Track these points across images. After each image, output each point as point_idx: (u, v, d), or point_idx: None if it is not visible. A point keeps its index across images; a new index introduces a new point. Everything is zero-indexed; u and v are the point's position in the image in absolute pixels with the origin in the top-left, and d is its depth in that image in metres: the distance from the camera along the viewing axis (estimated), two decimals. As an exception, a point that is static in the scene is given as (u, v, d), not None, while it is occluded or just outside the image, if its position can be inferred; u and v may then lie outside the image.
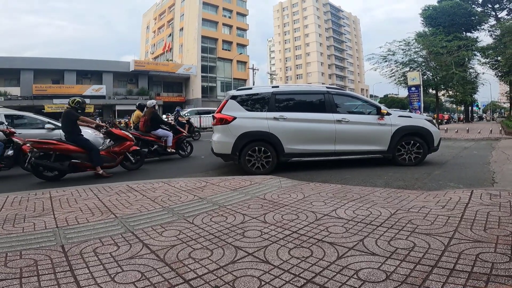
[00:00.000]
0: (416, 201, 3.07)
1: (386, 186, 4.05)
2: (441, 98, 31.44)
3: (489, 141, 10.95)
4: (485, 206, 2.77)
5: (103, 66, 36.66)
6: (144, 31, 58.88)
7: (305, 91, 6.19)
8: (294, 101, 5.81)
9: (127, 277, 1.72)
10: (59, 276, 1.75)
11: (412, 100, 17.87)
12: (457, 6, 28.34)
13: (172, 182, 4.44)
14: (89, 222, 2.72)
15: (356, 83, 77.09)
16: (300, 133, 5.46)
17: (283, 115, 5.46)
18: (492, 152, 7.75)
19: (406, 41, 22.13)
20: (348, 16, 79.74)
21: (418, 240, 2.10)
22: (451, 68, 20.32)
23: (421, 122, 5.98)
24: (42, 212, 3.09)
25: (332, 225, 2.47)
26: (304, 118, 5.51)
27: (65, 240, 2.32)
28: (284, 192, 3.68)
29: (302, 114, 5.55)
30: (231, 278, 1.68)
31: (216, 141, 5.61)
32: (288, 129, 5.44)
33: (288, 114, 5.49)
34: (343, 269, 1.74)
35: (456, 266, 1.70)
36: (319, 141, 5.52)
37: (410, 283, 1.56)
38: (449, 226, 2.34)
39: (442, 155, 7.08)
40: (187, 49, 43.79)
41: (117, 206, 3.22)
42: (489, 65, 26.76)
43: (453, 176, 4.86)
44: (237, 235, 2.33)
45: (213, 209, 3.05)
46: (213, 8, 44.68)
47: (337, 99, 5.81)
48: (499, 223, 2.34)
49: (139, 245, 2.18)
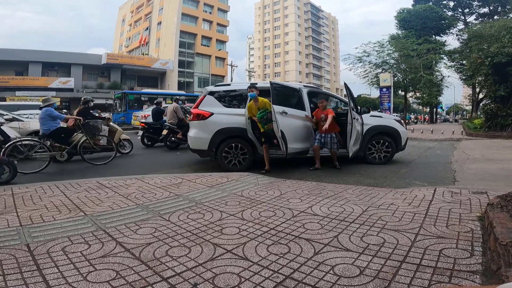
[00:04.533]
0: (385, 198, 3.23)
1: (358, 184, 4.22)
2: (409, 99, 33.09)
3: (451, 141, 11.70)
4: (447, 203, 2.97)
5: (71, 58, 34.87)
6: (120, 24, 56.36)
7: (282, 87, 6.24)
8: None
9: (101, 276, 1.66)
10: (26, 275, 1.66)
11: (383, 100, 18.70)
12: (430, 10, 29.70)
13: (146, 178, 4.32)
14: (55, 220, 2.59)
15: (332, 82, 78.98)
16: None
17: None
18: (454, 152, 8.29)
19: (381, 43, 23.08)
20: (328, 17, 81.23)
21: (387, 236, 2.21)
22: (419, 70, 21.48)
23: (390, 122, 6.27)
24: (4, 210, 2.90)
25: (308, 222, 2.54)
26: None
27: (30, 238, 2.19)
28: (261, 189, 3.72)
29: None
30: (211, 275, 1.68)
31: (192, 137, 5.52)
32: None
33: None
34: (320, 265, 1.80)
35: (422, 262, 1.82)
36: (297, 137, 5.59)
37: (381, 278, 1.65)
38: (415, 222, 2.49)
39: (409, 154, 7.47)
40: (164, 43, 42.58)
41: (87, 204, 3.09)
42: (454, 68, 28.49)
43: (419, 174, 5.15)
44: (215, 232, 2.32)
45: (189, 206, 3.02)
46: (194, 3, 43.73)
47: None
48: (460, 219, 2.52)
49: (113, 243, 2.11)
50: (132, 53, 47.22)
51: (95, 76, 37.77)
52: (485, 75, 15.39)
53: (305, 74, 70.75)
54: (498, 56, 12.97)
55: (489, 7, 30.01)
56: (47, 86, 31.32)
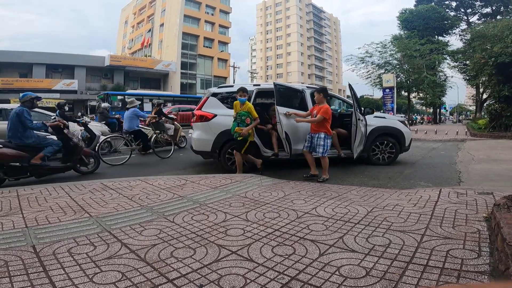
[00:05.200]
0: (390, 199, 3.21)
1: (362, 185, 4.19)
2: (412, 100, 32.97)
3: (455, 142, 11.63)
4: (453, 204, 2.94)
5: (75, 60, 35.06)
6: (122, 26, 56.75)
7: (286, 88, 6.24)
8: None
9: (107, 278, 1.67)
10: (32, 277, 1.67)
11: (386, 101, 18.61)
12: (432, 10, 29.59)
13: (150, 180, 4.33)
14: (61, 222, 2.60)
15: (334, 83, 78.85)
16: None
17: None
18: (458, 152, 8.23)
19: (383, 44, 23.04)
20: (329, 17, 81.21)
21: (393, 237, 2.20)
22: (422, 71, 21.40)
23: (394, 123, 6.24)
24: (9, 211, 2.91)
25: (313, 223, 2.53)
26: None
27: (36, 240, 2.20)
28: (265, 190, 3.71)
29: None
30: (216, 277, 1.67)
31: (195, 138, 5.53)
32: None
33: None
34: (325, 266, 1.79)
35: (429, 262, 1.80)
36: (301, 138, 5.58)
37: (388, 279, 1.64)
38: (421, 223, 2.47)
39: (413, 155, 7.43)
40: (167, 45, 42.77)
41: (91, 205, 3.10)
42: (457, 68, 28.37)
43: (423, 175, 5.12)
44: (220, 234, 2.32)
45: (194, 207, 3.02)
46: (196, 5, 43.90)
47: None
48: (467, 220, 2.50)
49: (118, 245, 2.12)
50: (135, 55, 47.50)
51: (99, 78, 37.94)
52: (488, 75, 15.30)
53: (307, 75, 70.73)
54: (501, 56, 12.88)
55: (491, 7, 29.84)
56: (51, 88, 31.47)
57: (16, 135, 4.59)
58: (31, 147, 4.69)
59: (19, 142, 4.59)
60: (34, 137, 4.75)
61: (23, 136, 4.62)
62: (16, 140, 4.59)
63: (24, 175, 4.65)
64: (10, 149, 4.50)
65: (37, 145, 4.76)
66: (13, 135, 4.59)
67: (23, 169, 4.60)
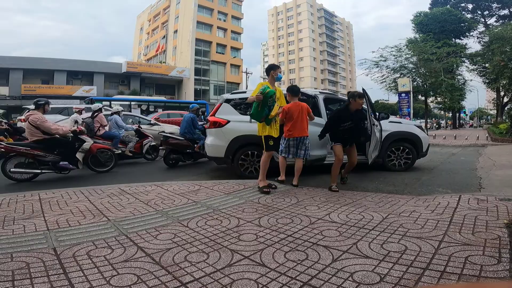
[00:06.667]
0: (406, 206, 3.14)
1: (377, 191, 4.12)
2: (429, 104, 32.15)
3: (476, 147, 11.24)
4: (473, 211, 2.85)
5: (94, 67, 36.15)
6: (138, 33, 58.52)
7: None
8: None
9: (123, 280, 1.71)
10: (52, 279, 1.73)
11: (402, 106, 18.26)
12: (448, 13, 28.99)
13: (165, 185, 4.41)
14: (81, 225, 2.69)
15: (347, 88, 77.99)
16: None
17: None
18: (479, 158, 7.95)
19: (398, 47, 22.65)
20: (342, 22, 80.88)
21: (409, 244, 2.15)
22: (440, 75, 20.84)
23: (410, 128, 6.11)
24: (31, 214, 3.04)
25: (326, 229, 2.51)
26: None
27: (57, 242, 2.29)
28: (278, 196, 3.71)
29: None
30: (229, 281, 1.69)
31: (209, 144, 5.60)
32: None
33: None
34: (338, 271, 1.78)
35: (446, 269, 1.75)
36: (314, 144, 5.55)
37: (403, 285, 1.60)
38: (438, 230, 2.40)
39: (431, 161, 7.24)
40: (181, 51, 43.70)
41: (109, 209, 3.19)
42: (477, 72, 27.50)
43: (442, 181, 4.98)
44: (233, 239, 2.34)
45: (207, 212, 3.05)
46: (208, 11, 44.76)
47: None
48: (487, 227, 2.41)
49: (134, 248, 2.17)
50: (150, 61, 48.64)
51: (116, 84, 38.85)
52: (509, 78, 14.81)
53: (320, 80, 70.36)
54: (522, 58, 12.44)
55: (509, 9, 28.95)
56: (71, 94, 32.10)
57: (189, 132, 7.12)
58: (193, 140, 7.05)
59: (189, 137, 7.08)
60: (196, 134, 7.20)
61: (193, 132, 7.16)
62: (188, 136, 7.09)
63: (191, 159, 7.27)
64: (187, 141, 7.02)
65: (197, 139, 7.08)
66: (188, 131, 7.13)
67: (191, 155, 7.15)
